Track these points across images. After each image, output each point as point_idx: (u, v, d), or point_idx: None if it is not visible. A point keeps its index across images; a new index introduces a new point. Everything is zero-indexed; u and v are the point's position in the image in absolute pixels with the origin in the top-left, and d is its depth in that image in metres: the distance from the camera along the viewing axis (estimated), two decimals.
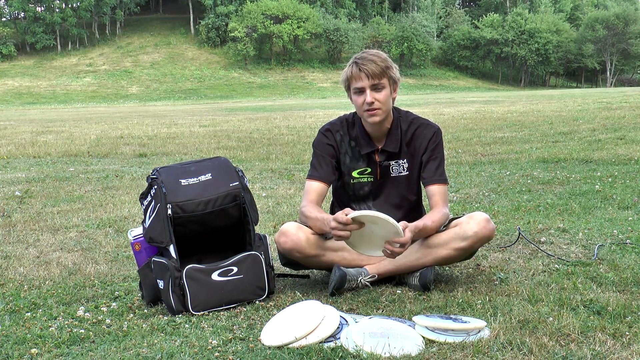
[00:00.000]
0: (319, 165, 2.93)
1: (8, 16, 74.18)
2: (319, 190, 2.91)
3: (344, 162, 2.96)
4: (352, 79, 2.81)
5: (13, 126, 17.39)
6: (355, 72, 2.78)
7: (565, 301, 2.50)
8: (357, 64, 2.78)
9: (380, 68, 2.76)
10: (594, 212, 4.38)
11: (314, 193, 2.90)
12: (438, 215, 2.81)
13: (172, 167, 2.74)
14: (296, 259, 2.82)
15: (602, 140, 8.94)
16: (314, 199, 2.89)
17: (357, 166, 2.95)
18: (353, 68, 2.79)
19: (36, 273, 3.24)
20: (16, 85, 59.52)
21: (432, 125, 2.95)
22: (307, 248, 2.78)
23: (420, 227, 2.71)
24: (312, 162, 2.97)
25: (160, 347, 2.19)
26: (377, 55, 2.80)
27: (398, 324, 2.28)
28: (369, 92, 2.78)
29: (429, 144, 2.91)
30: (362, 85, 2.79)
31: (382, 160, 2.93)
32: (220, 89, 60.17)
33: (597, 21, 73.53)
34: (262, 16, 66.52)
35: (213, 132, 13.38)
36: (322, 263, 2.85)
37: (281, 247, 2.80)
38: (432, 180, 2.89)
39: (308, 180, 2.95)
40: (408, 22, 71.96)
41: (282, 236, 2.78)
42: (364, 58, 2.78)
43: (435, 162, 2.90)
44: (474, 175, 6.37)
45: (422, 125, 2.94)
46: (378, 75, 2.77)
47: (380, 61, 2.77)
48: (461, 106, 22.44)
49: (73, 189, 6.19)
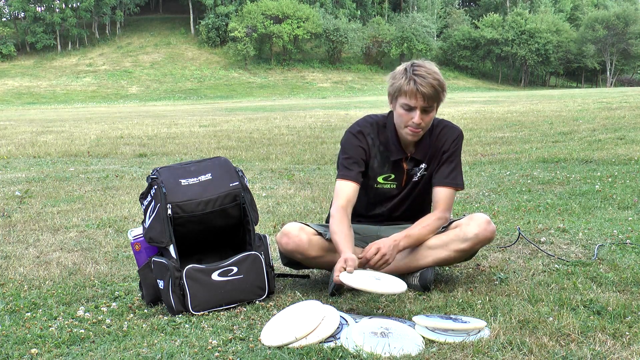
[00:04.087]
0: (350, 165, 2.83)
1: (8, 16, 74.15)
2: (351, 192, 2.81)
3: (372, 167, 2.89)
4: (404, 94, 2.68)
5: (13, 126, 17.39)
6: (411, 89, 2.64)
7: (565, 301, 2.50)
8: (415, 82, 2.64)
9: (437, 92, 2.67)
10: (594, 212, 4.38)
11: (344, 196, 2.80)
12: (429, 219, 2.80)
13: (172, 167, 2.74)
14: (298, 259, 2.82)
15: (602, 140, 8.94)
16: (343, 204, 2.78)
17: (382, 172, 2.89)
18: (410, 84, 2.65)
19: (36, 273, 3.24)
20: (16, 85, 59.49)
21: (456, 128, 2.91)
22: (309, 249, 2.77)
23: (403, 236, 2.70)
24: (342, 162, 2.87)
25: (160, 347, 2.19)
26: (435, 77, 2.66)
27: (398, 324, 2.28)
28: (418, 113, 2.69)
29: (451, 145, 2.87)
30: (414, 105, 2.68)
31: (410, 167, 2.89)
32: (220, 89, 60.15)
33: (597, 21, 73.46)
34: (262, 16, 66.48)
35: (213, 132, 13.37)
36: (324, 263, 2.84)
37: (283, 248, 2.79)
38: (441, 182, 2.85)
39: (340, 180, 2.83)
40: (408, 22, 71.91)
41: (284, 237, 2.77)
42: (423, 78, 2.64)
43: (450, 165, 2.86)
44: (474, 175, 6.37)
45: (446, 127, 2.90)
46: (432, 99, 2.68)
47: (438, 85, 2.66)
48: (461, 106, 22.44)
49: (73, 189, 6.18)
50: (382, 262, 2.61)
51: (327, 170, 7.05)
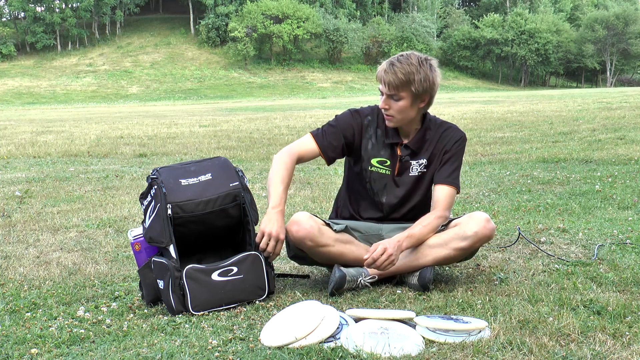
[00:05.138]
0: (329, 134, 2.90)
1: (8, 16, 74.20)
2: (308, 151, 2.89)
3: (366, 148, 2.92)
4: (377, 80, 2.81)
5: (13, 126, 17.39)
6: (379, 75, 2.78)
7: (565, 301, 2.50)
8: (384, 69, 2.76)
9: (399, 81, 2.72)
10: (594, 212, 4.38)
11: (302, 148, 2.89)
12: (429, 218, 2.81)
13: (172, 167, 2.73)
14: (307, 248, 2.78)
15: (602, 140, 8.94)
16: (297, 152, 2.87)
17: (378, 154, 2.92)
18: (379, 70, 2.78)
19: (36, 273, 3.24)
20: (16, 85, 59.51)
21: (459, 130, 2.95)
22: (319, 236, 2.76)
23: (406, 236, 2.73)
24: (324, 126, 2.94)
25: (160, 347, 2.19)
26: (404, 66, 2.73)
27: (398, 324, 2.28)
28: (384, 97, 2.79)
29: (453, 146, 2.89)
30: (381, 89, 2.81)
31: (403, 155, 2.91)
32: (220, 89, 60.15)
33: (597, 21, 73.47)
34: (262, 16, 66.49)
35: (213, 132, 13.37)
36: (330, 254, 2.81)
37: (293, 236, 2.76)
38: (443, 181, 2.86)
39: (309, 135, 2.92)
40: (408, 22, 71.97)
41: (294, 225, 2.76)
42: (392, 65, 2.74)
43: (452, 165, 2.88)
44: (474, 175, 6.37)
45: (450, 128, 2.94)
46: (395, 87, 2.74)
47: (403, 73, 2.72)
48: (461, 106, 22.44)
49: (73, 189, 6.18)
50: (388, 262, 2.65)
51: (327, 170, 7.04)
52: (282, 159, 2.85)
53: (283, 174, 2.81)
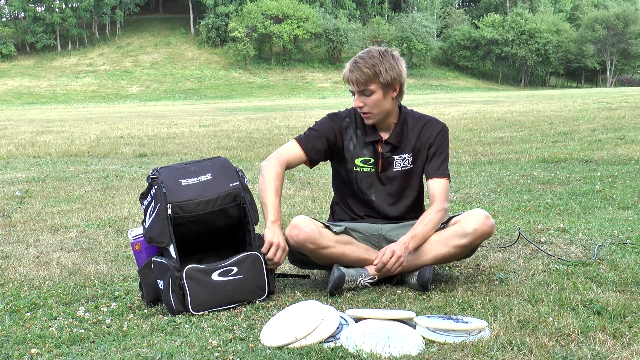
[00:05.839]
0: (312, 138, 2.94)
1: (8, 16, 74.20)
2: (295, 156, 2.93)
3: (348, 149, 2.96)
4: (345, 81, 2.88)
5: (13, 126, 17.39)
6: (346, 76, 2.85)
7: (565, 301, 2.50)
8: (348, 70, 2.83)
9: (366, 75, 2.77)
10: (594, 212, 4.38)
11: (289, 154, 2.93)
12: (430, 215, 2.82)
13: (172, 167, 2.73)
14: (309, 251, 2.78)
15: (602, 140, 8.94)
16: (285, 159, 2.91)
17: (361, 154, 2.95)
18: (344, 73, 2.85)
19: (36, 273, 3.24)
20: (16, 85, 59.52)
21: (440, 122, 2.99)
22: (320, 238, 2.76)
23: (410, 237, 2.76)
24: (307, 131, 2.98)
25: (160, 347, 2.19)
26: (367, 61, 2.79)
27: (398, 324, 2.28)
28: (357, 96, 2.84)
29: (436, 138, 2.93)
30: (351, 90, 2.86)
31: (385, 151, 2.93)
32: (220, 89, 60.16)
33: (597, 21, 73.49)
34: (262, 16, 66.52)
35: (213, 132, 13.38)
36: (332, 255, 2.81)
37: (293, 240, 2.76)
38: (435, 173, 2.90)
39: (293, 140, 2.96)
40: (408, 22, 71.95)
41: (294, 229, 2.76)
42: (355, 63, 2.81)
43: (440, 157, 2.92)
44: (474, 175, 6.37)
45: (430, 121, 2.97)
46: (363, 83, 2.79)
47: (367, 68, 2.77)
48: (461, 106, 22.44)
49: (73, 189, 6.18)
50: (398, 265, 2.71)
51: (327, 170, 7.04)
52: (273, 167, 2.88)
53: (276, 184, 2.85)
